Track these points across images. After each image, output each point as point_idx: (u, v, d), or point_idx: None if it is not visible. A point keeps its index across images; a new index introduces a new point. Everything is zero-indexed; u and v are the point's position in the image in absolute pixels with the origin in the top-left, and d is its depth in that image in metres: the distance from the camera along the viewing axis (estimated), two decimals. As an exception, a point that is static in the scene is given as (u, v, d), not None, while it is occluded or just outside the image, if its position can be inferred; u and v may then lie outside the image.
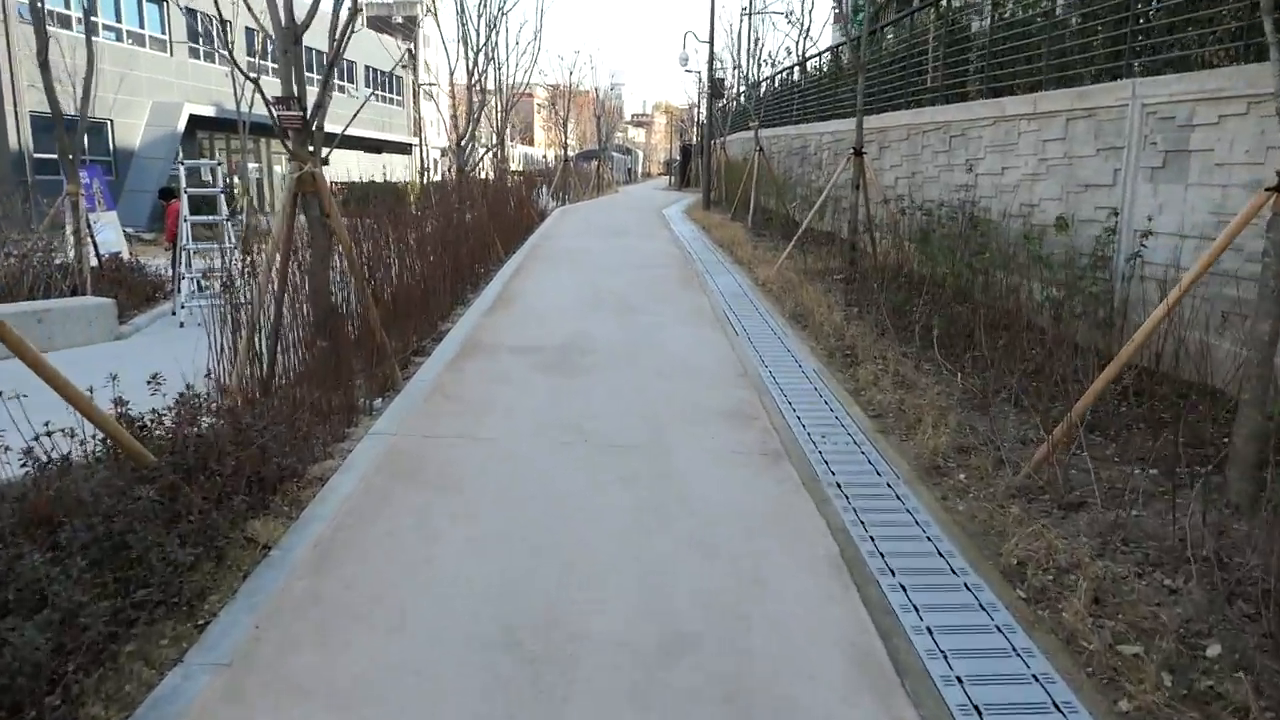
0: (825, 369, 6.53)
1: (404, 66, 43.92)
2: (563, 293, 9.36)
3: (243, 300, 5.23)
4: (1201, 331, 5.29)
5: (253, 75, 5.68)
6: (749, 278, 10.77)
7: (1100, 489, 3.91)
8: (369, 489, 3.99)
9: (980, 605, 3.05)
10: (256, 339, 5.07)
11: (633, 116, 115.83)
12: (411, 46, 70.69)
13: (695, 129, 42.60)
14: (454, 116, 10.89)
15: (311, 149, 5.55)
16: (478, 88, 11.84)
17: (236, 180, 27.32)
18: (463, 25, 11.47)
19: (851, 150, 10.64)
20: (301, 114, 5.31)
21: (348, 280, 6.21)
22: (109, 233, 14.25)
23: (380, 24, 75.00)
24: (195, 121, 26.25)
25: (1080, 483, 4.01)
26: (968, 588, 3.17)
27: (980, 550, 3.49)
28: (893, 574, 3.27)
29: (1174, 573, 3.16)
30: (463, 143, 11.21)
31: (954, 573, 3.29)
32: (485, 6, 11.20)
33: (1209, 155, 5.52)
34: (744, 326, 7.92)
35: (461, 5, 11.35)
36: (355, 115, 6.93)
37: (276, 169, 32.83)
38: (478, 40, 11.26)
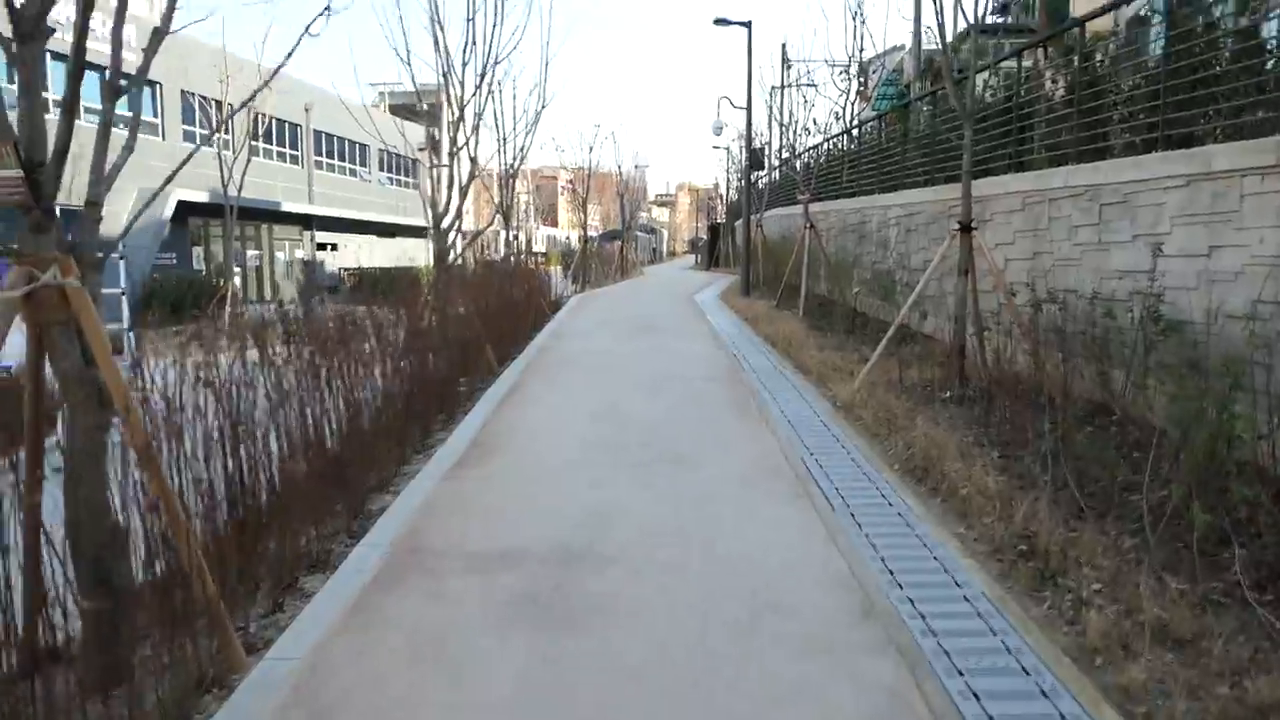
0: (1014, 604, 3.71)
1: (421, 149, 42.47)
2: (570, 430, 6.65)
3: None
4: None
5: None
6: (823, 397, 8.01)
7: None
8: None
9: None
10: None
11: (656, 196, 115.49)
12: (435, 130, 70.46)
13: (724, 206, 40.55)
14: (434, 191, 8.39)
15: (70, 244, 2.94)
16: (463, 153, 9.40)
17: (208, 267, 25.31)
18: (443, 75, 9.08)
19: (956, 226, 7.98)
20: (20, 177, 2.66)
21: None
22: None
23: (406, 112, 75.18)
24: (185, 208, 24.36)
25: None
26: None
27: None
28: None
29: None
30: (443, 225, 8.71)
31: None
32: (471, 53, 8.80)
33: None
34: (841, 495, 5.13)
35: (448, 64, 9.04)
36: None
37: (280, 255, 30.93)
38: (460, 93, 8.85)
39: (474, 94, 9.15)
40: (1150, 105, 7.13)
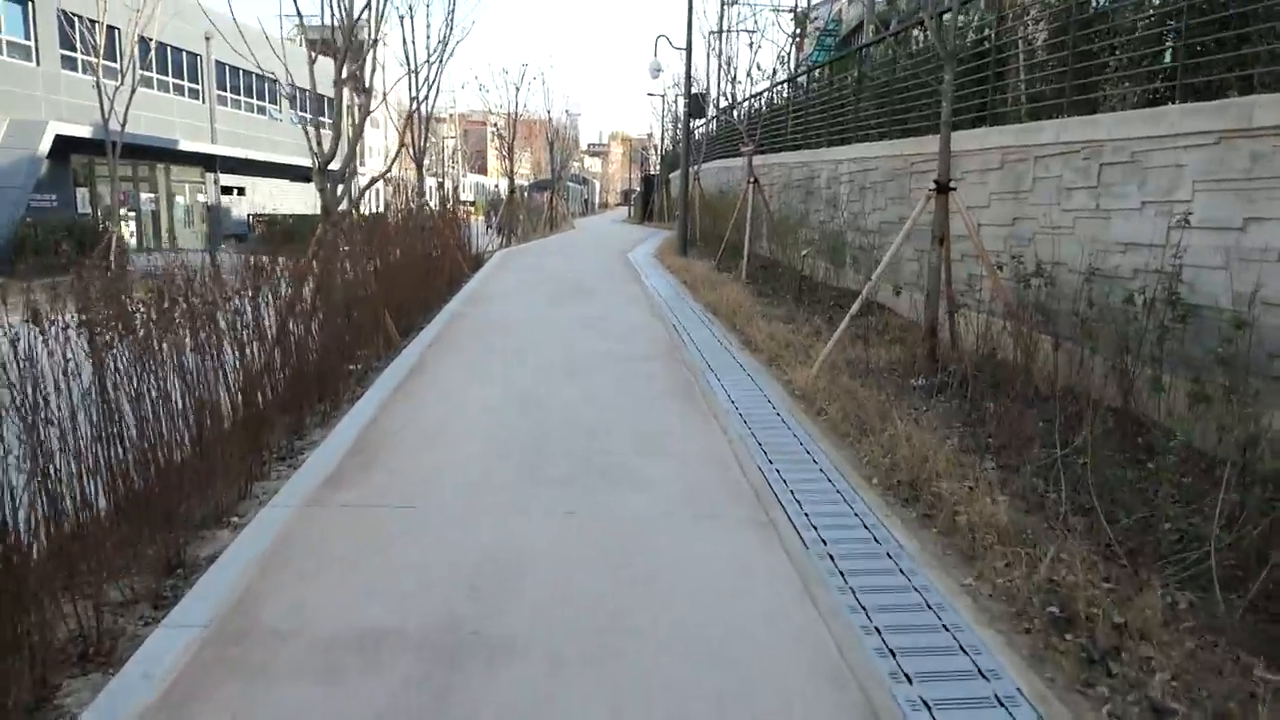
0: (1060, 706, 2.72)
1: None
2: (476, 431, 5.44)
3: None
4: None
5: None
6: (777, 380, 6.97)
7: None
8: None
9: None
10: None
11: (589, 145, 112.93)
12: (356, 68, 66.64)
13: (658, 157, 39.15)
14: (318, 128, 7.01)
15: None
16: (354, 85, 7.98)
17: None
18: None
19: (931, 186, 6.96)
20: None
21: None
22: None
23: (324, 47, 70.34)
24: (67, 144, 21.92)
25: None
26: None
27: None
28: None
29: None
30: (330, 166, 7.33)
31: None
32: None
33: None
34: (814, 526, 4.09)
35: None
36: None
37: (179, 199, 28.50)
38: (344, 18, 7.41)
39: (365, 9, 7.67)
40: (1160, 49, 6.17)
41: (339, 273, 7.22)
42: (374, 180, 8.74)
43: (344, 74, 7.70)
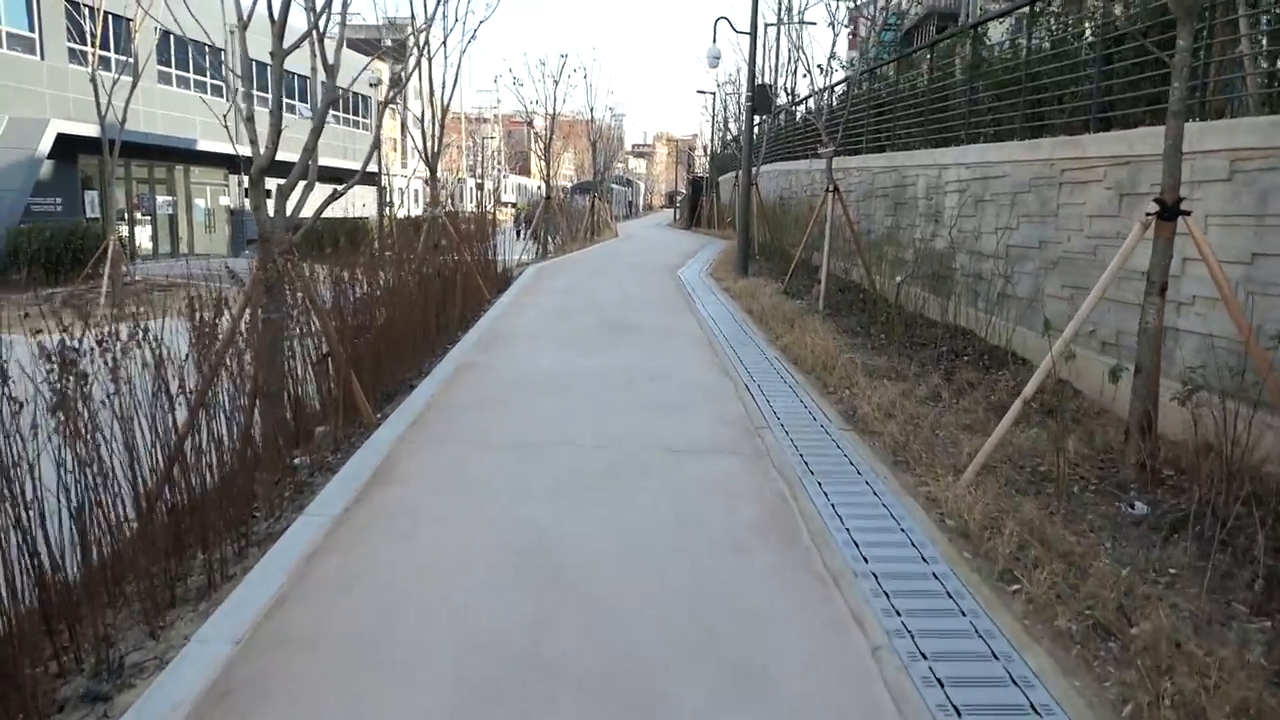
0: None
1: (372, 85, 38.25)
2: (442, 644, 3.25)
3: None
4: None
5: None
6: (915, 497, 4.64)
7: None
8: None
9: None
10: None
11: (633, 146, 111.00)
12: (397, 65, 65.19)
13: (707, 158, 36.86)
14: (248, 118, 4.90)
15: None
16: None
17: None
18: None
19: (1151, 210, 4.64)
20: None
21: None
22: None
23: (368, 48, 69.13)
24: (72, 143, 20.34)
25: None
26: None
27: None
28: None
29: None
30: (263, 166, 5.27)
31: None
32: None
33: None
34: None
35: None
36: None
37: (199, 203, 26.94)
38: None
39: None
40: None
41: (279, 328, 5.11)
42: (340, 191, 6.64)
43: (331, 58, 5.61)
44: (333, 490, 4.41)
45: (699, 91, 67.10)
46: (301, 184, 5.67)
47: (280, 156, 5.66)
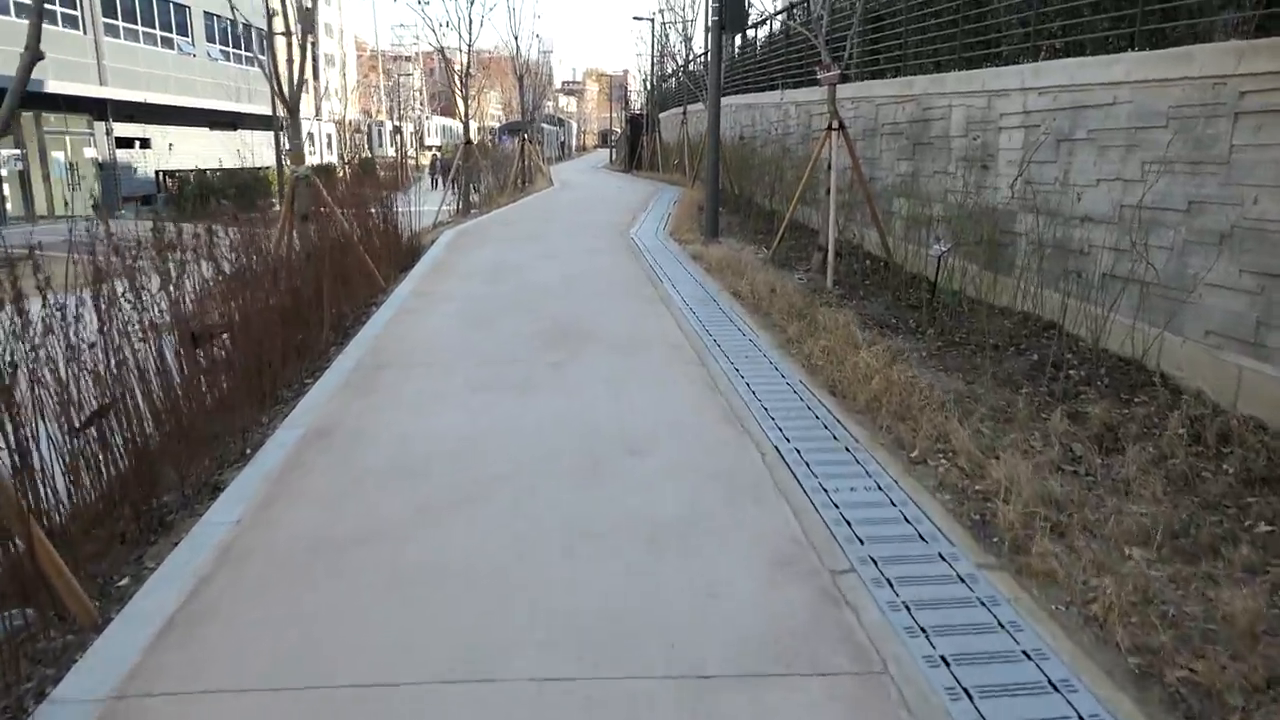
0: None
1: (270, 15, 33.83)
2: None
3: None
4: None
5: None
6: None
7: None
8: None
9: None
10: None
11: (563, 84, 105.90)
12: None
13: (648, 93, 33.71)
14: None
15: None
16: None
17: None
18: None
19: None
20: None
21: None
22: None
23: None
24: None
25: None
26: None
27: None
28: None
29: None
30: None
31: None
32: None
33: None
34: None
35: None
36: None
37: (56, 156, 22.97)
38: None
39: None
40: None
41: None
42: None
43: None
44: None
45: (635, 18, 63.16)
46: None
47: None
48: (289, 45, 7.97)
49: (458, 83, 18.10)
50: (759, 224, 12.48)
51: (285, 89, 7.51)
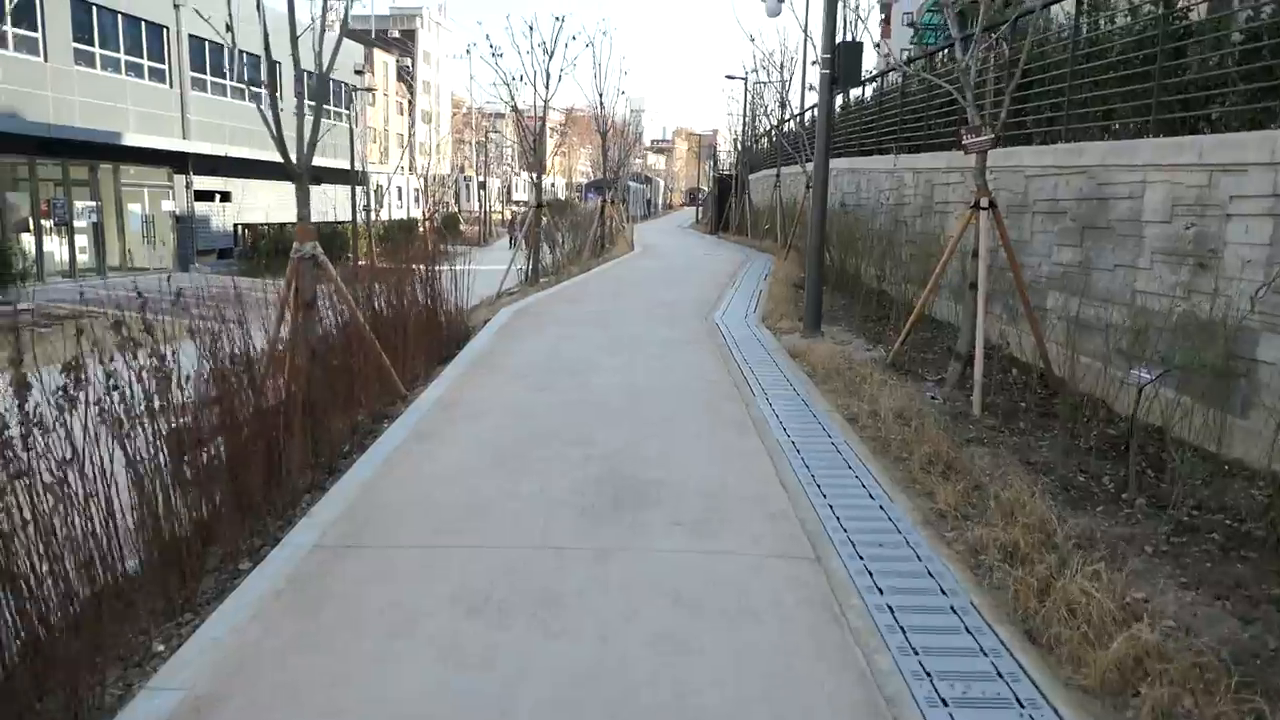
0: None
1: (357, 72, 34.01)
2: None
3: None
4: None
5: None
6: None
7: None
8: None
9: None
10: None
11: (652, 142, 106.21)
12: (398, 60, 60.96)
13: (737, 153, 32.32)
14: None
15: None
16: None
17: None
18: None
19: None
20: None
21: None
22: None
23: (372, 38, 64.63)
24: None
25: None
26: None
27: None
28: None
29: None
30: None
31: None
32: None
33: None
34: None
35: None
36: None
37: (133, 208, 22.68)
38: None
39: None
40: None
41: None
42: None
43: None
44: None
45: (728, 77, 62.60)
46: None
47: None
48: (355, 111, 6.61)
49: (530, 140, 16.82)
50: (867, 308, 10.58)
51: (294, 152, 6.10)
